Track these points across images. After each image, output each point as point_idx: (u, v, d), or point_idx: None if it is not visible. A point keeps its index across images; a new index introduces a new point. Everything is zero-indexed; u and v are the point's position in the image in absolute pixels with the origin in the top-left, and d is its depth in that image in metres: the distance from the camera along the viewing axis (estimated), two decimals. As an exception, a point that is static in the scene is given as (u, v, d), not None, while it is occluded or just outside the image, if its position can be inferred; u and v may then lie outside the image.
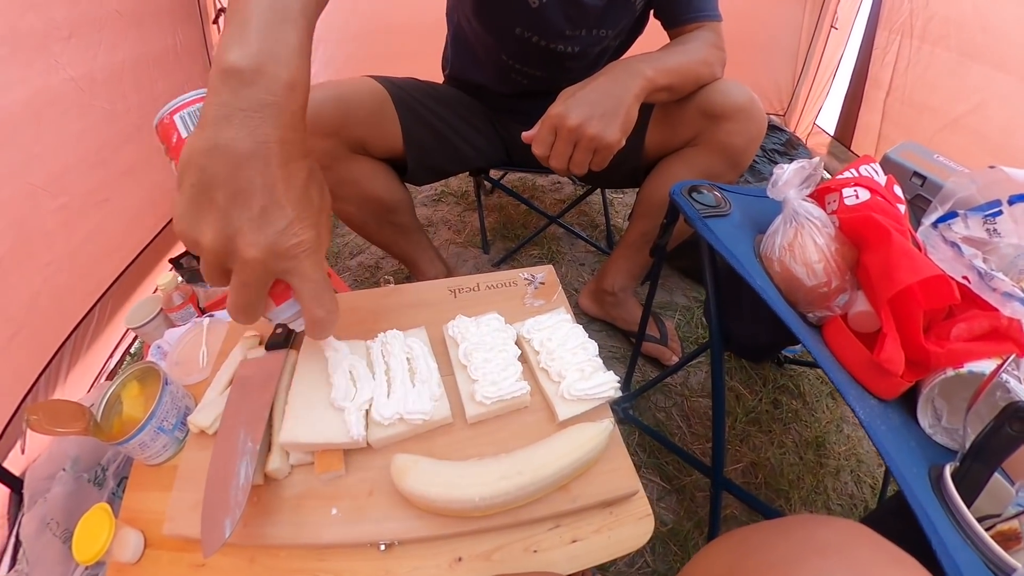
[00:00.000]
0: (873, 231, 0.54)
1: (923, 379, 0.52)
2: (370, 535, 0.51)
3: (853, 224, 0.58)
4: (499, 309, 0.68)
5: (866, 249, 0.56)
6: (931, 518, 0.41)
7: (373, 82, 0.92)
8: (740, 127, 0.84)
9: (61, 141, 1.08)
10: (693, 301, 1.36)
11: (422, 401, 0.56)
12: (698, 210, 0.68)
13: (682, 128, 0.89)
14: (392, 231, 1.06)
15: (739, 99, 0.83)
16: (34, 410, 0.55)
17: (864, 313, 0.55)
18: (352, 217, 1.01)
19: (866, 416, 0.48)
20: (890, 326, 0.50)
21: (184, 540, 0.52)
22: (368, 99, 0.89)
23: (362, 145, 0.90)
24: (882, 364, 0.49)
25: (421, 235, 1.14)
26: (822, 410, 1.10)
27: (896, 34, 1.58)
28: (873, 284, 0.53)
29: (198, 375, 0.70)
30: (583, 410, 0.58)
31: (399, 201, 1.01)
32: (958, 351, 0.50)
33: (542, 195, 1.84)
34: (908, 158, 0.83)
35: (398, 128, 0.93)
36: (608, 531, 0.53)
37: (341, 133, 0.86)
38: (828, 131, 1.94)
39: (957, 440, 0.51)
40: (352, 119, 0.86)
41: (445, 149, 1.01)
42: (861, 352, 0.52)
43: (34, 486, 0.88)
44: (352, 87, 0.88)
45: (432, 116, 0.97)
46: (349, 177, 0.92)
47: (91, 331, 1.15)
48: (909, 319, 0.50)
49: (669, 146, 0.93)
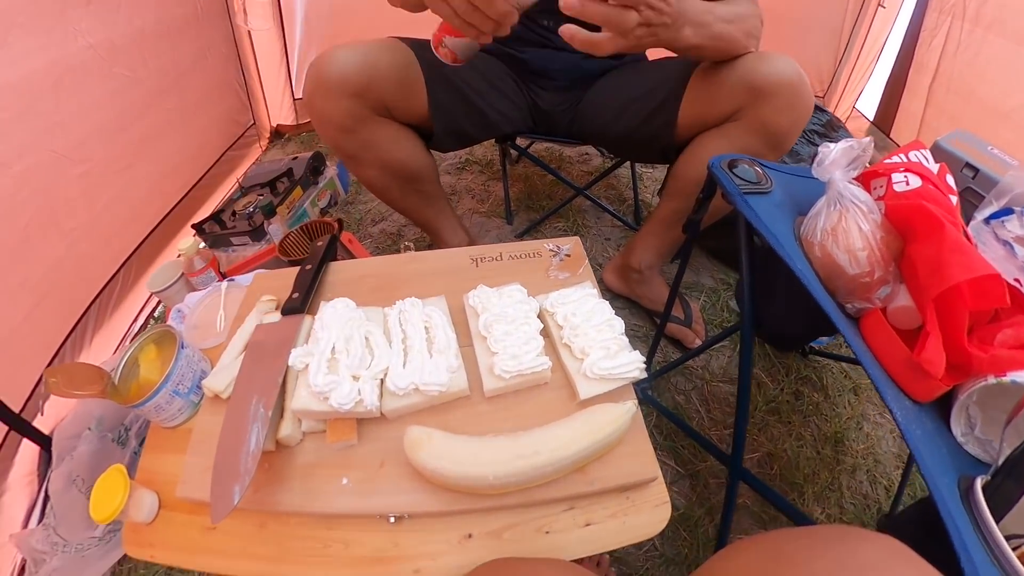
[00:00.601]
0: (924, 221, 0.50)
1: (960, 384, 0.48)
2: (380, 507, 0.50)
3: (902, 212, 0.53)
4: (522, 280, 0.65)
5: (914, 240, 0.52)
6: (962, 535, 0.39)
7: (400, 44, 0.89)
8: (786, 105, 0.77)
9: (82, 108, 1.08)
10: (720, 283, 1.31)
11: (439, 372, 0.53)
12: (738, 186, 0.63)
13: (722, 101, 0.83)
14: (415, 198, 1.04)
15: (788, 74, 0.76)
16: (53, 373, 0.55)
17: (904, 308, 0.51)
18: (374, 182, 0.99)
19: (903, 418, 0.45)
20: (933, 325, 0.46)
21: (197, 503, 0.52)
22: (395, 61, 0.85)
23: (386, 108, 0.87)
24: (922, 364, 0.45)
25: (444, 203, 1.12)
26: (843, 405, 1.06)
27: (947, 16, 1.46)
28: (920, 278, 0.49)
29: (215, 339, 0.69)
30: (606, 390, 0.56)
31: (423, 168, 0.99)
32: (1002, 358, 0.46)
33: (569, 166, 1.79)
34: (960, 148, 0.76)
35: (424, 92, 0.89)
36: (623, 516, 0.52)
37: (366, 95, 0.83)
38: (868, 116, 1.83)
39: (989, 452, 0.47)
40: (377, 81, 0.83)
41: (471, 114, 0.97)
42: (900, 350, 0.48)
43: (61, 444, 0.91)
44: (379, 48, 0.85)
45: (459, 79, 0.93)
46: (372, 140, 0.89)
47: (115, 296, 1.16)
48: (953, 319, 0.47)
49: (705, 121, 0.87)
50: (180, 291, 1.01)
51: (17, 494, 0.89)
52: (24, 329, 0.94)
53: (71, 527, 0.83)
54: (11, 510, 0.87)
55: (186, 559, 0.52)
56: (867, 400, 1.06)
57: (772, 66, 0.77)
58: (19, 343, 0.93)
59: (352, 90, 0.81)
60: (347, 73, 0.80)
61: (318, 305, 0.62)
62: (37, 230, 0.97)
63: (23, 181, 0.94)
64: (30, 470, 0.92)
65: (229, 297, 0.76)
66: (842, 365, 1.12)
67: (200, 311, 0.76)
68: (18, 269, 0.94)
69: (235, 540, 0.51)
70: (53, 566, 0.81)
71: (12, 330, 0.92)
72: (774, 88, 0.76)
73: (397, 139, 0.92)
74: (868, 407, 1.05)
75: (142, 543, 0.53)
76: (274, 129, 1.91)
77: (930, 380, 0.46)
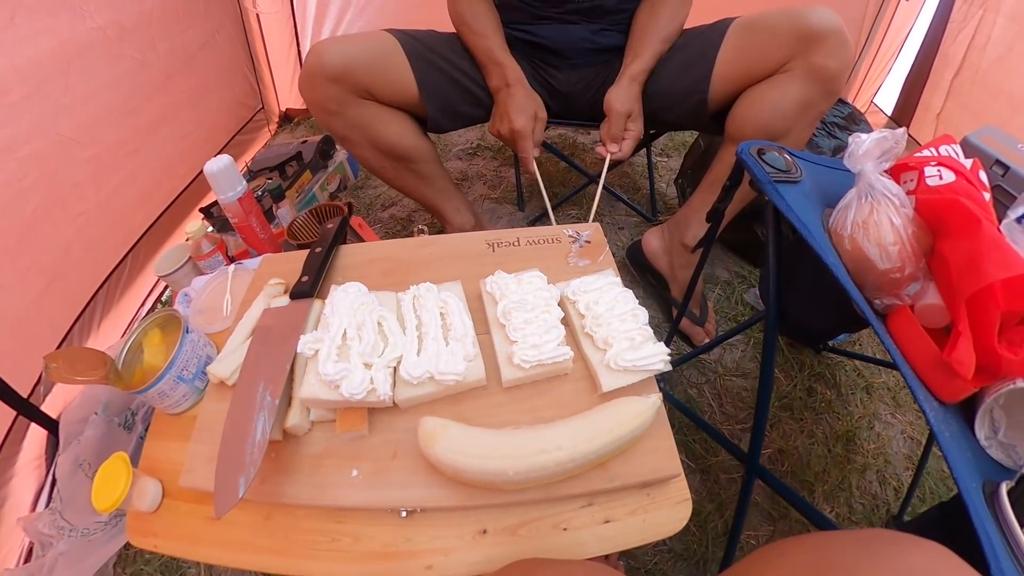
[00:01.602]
0: (959, 217, 0.48)
1: (987, 386, 0.47)
2: (391, 500, 0.48)
3: (935, 207, 0.51)
4: (540, 267, 0.63)
5: (947, 236, 0.50)
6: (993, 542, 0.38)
7: (382, 32, 0.94)
8: (837, 49, 0.79)
9: (90, 92, 1.06)
10: (735, 276, 1.28)
11: (455, 361, 0.51)
12: (769, 173, 0.61)
13: (773, 53, 0.83)
14: (411, 177, 1.05)
15: (835, 21, 0.79)
16: (54, 358, 0.54)
17: (933, 306, 0.49)
18: (368, 161, 1.02)
19: (935, 419, 0.44)
20: (964, 324, 0.45)
21: (201, 492, 0.50)
22: (373, 46, 0.91)
23: (368, 91, 0.91)
24: (952, 364, 0.44)
25: (446, 183, 1.11)
26: (855, 404, 1.04)
27: (978, 8, 1.39)
28: (952, 276, 0.47)
29: (221, 323, 0.67)
30: (629, 382, 0.53)
31: (414, 148, 1.00)
32: (1033, 361, 0.45)
33: (583, 153, 1.75)
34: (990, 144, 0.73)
35: (410, 75, 0.93)
36: (643, 513, 0.49)
37: (344, 80, 0.88)
38: (885, 111, 1.78)
39: (1012, 457, 0.46)
40: (355, 65, 0.88)
41: (463, 94, 0.99)
42: (930, 349, 0.47)
43: (68, 428, 0.90)
44: (359, 38, 0.92)
45: (447, 63, 0.97)
46: (358, 122, 0.94)
47: (123, 280, 1.15)
48: (984, 319, 0.45)
49: (751, 74, 0.87)
50: (188, 275, 0.99)
51: (25, 478, 0.89)
52: (32, 313, 0.93)
53: (77, 511, 0.83)
54: (19, 494, 0.87)
55: (190, 550, 0.51)
56: (879, 400, 1.04)
57: (819, 15, 0.79)
58: (27, 327, 0.93)
59: (330, 76, 0.87)
60: (325, 61, 0.87)
61: (328, 289, 0.60)
62: (45, 214, 0.96)
63: (31, 165, 0.93)
64: (38, 454, 0.92)
65: (236, 281, 0.74)
66: (855, 363, 1.10)
67: (206, 295, 0.74)
68: (26, 253, 0.93)
69: (240, 531, 0.50)
70: (59, 550, 0.80)
71: (21, 314, 0.91)
72: (826, 34, 0.78)
73: (380, 119, 0.95)
74: (880, 406, 1.03)
75: (145, 532, 0.51)
76: (283, 113, 1.89)
77: (959, 381, 0.45)
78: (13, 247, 0.90)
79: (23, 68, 0.91)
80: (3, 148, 0.88)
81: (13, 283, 0.90)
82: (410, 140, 0.99)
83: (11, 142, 0.89)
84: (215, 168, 0.90)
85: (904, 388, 1.05)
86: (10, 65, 0.89)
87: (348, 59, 0.88)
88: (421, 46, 0.95)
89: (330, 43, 0.89)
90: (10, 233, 0.89)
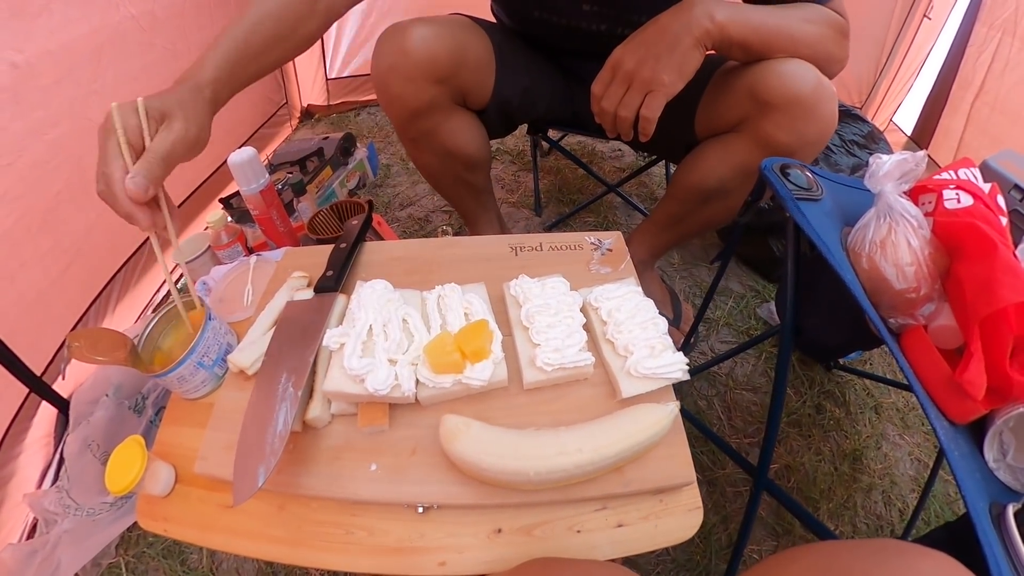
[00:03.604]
0: (976, 241, 0.49)
1: (997, 409, 0.48)
2: (409, 496, 0.48)
3: (952, 230, 0.52)
4: (562, 272, 0.63)
5: (962, 259, 0.51)
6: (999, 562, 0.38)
7: (476, 26, 0.84)
8: (792, 123, 0.68)
9: (121, 79, 1.07)
10: (748, 290, 1.28)
11: (484, 365, 0.51)
12: (791, 191, 0.62)
13: (726, 109, 0.76)
14: (464, 188, 1.00)
15: (799, 87, 0.66)
16: (76, 337, 0.54)
17: (946, 327, 0.50)
18: (431, 168, 0.95)
19: (946, 439, 0.45)
20: (977, 346, 0.45)
21: (215, 480, 0.50)
22: (479, 46, 0.81)
23: (464, 96, 0.83)
24: (964, 385, 0.45)
25: (489, 196, 1.09)
26: (863, 423, 1.04)
27: (997, 31, 1.38)
28: (967, 298, 0.48)
29: (241, 313, 0.67)
30: (648, 389, 0.53)
31: (482, 158, 0.95)
32: (1045, 385, 0.45)
33: (601, 162, 1.75)
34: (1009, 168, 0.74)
35: (491, 79, 0.85)
36: (656, 519, 0.50)
37: (451, 81, 0.78)
38: (905, 130, 1.77)
39: (1021, 480, 0.46)
40: (465, 67, 0.78)
41: (524, 101, 0.92)
42: (942, 369, 0.47)
43: (79, 409, 0.91)
44: (462, 30, 0.80)
45: (518, 63, 0.88)
46: (442, 128, 0.84)
47: (141, 265, 1.16)
48: (997, 341, 0.46)
49: (715, 127, 0.80)
50: (206, 263, 1.00)
51: (33, 455, 0.89)
52: (50, 294, 0.94)
53: (84, 491, 0.83)
54: (26, 470, 0.88)
55: (200, 536, 0.51)
56: (887, 420, 1.04)
57: (782, 77, 0.67)
58: (44, 307, 0.93)
59: (439, 76, 0.76)
60: (436, 56, 0.74)
61: (352, 285, 0.60)
62: (68, 197, 0.96)
63: (57, 148, 0.93)
64: (47, 432, 0.92)
65: (257, 272, 0.74)
66: (865, 382, 1.10)
67: (227, 284, 0.74)
68: (48, 234, 0.93)
69: (252, 520, 0.50)
70: (64, 528, 0.80)
71: (39, 294, 0.92)
72: (780, 102, 0.67)
73: (467, 129, 0.88)
74: (888, 427, 1.03)
75: (156, 516, 0.51)
76: (304, 109, 1.90)
77: (969, 402, 0.45)
78: (36, 228, 0.91)
79: (56, 53, 0.92)
80: (32, 130, 0.89)
81: (34, 263, 0.90)
82: (481, 149, 0.92)
83: (40, 124, 0.90)
84: (239, 160, 0.91)
85: (913, 409, 1.05)
86: (43, 50, 0.90)
87: (461, 57, 0.77)
88: (503, 41, 0.85)
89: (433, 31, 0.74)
90: (34, 214, 0.90)
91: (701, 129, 0.84)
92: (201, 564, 0.81)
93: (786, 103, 0.67)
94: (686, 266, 1.32)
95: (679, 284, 1.27)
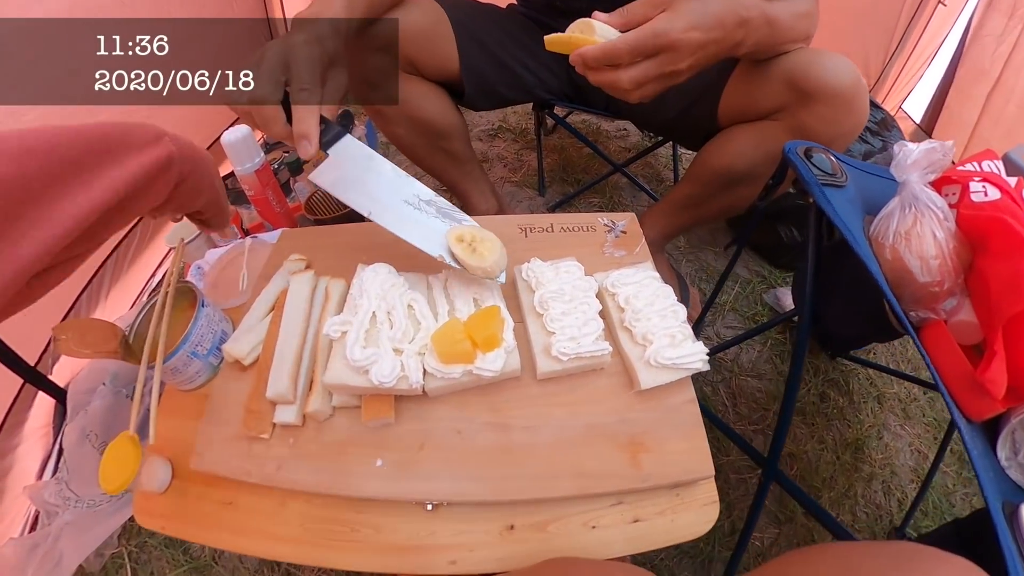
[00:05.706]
0: (1003, 236, 0.48)
1: (1014, 408, 0.47)
2: (417, 492, 0.46)
3: (978, 223, 0.50)
4: (575, 255, 0.60)
5: (987, 254, 0.49)
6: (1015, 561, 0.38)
7: (432, 3, 0.88)
8: (833, 116, 0.67)
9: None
10: (755, 275, 1.26)
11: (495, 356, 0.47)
12: (816, 176, 0.59)
13: (763, 97, 0.73)
14: (443, 157, 1.02)
15: (842, 81, 0.65)
16: (63, 329, 0.51)
17: (966, 323, 0.49)
18: (401, 139, 0.98)
19: (969, 438, 0.45)
20: (1000, 344, 0.45)
21: (212, 476, 0.48)
22: (421, 17, 0.85)
23: (413, 64, 0.87)
24: (984, 383, 0.44)
25: (474, 166, 1.08)
26: (866, 413, 1.03)
27: (1017, 22, 1.31)
28: (991, 296, 0.47)
29: (237, 299, 0.64)
30: (667, 380, 0.50)
31: (451, 126, 0.97)
32: (1063, 385, 0.44)
33: (606, 141, 1.71)
34: None
35: (454, 49, 0.88)
36: (672, 514, 0.49)
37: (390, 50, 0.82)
38: (914, 118, 1.71)
39: None
40: (404, 38, 0.82)
41: (504, 75, 0.95)
42: (962, 365, 0.47)
43: (76, 398, 0.89)
44: (407, 7, 0.85)
45: (491, 39, 0.92)
46: (400, 97, 0.89)
47: (132, 249, 1.12)
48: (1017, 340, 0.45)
49: (745, 115, 0.79)
50: (200, 247, 0.96)
51: (32, 446, 0.87)
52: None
53: (83, 482, 0.81)
54: (25, 462, 0.86)
55: (200, 534, 0.49)
56: (889, 410, 1.04)
57: (825, 69, 0.65)
58: (35, 295, 0.90)
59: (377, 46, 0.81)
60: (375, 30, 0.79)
61: (352, 267, 0.57)
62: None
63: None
64: (45, 422, 0.90)
65: (253, 255, 0.71)
66: (868, 372, 1.09)
67: (221, 269, 0.71)
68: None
69: (253, 518, 0.48)
70: (65, 519, 0.79)
71: (28, 280, 0.88)
72: (824, 94, 0.66)
73: (424, 96, 0.91)
74: (890, 417, 1.03)
75: (153, 513, 0.50)
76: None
77: (988, 400, 0.45)
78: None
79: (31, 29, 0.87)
80: (11, 112, 0.84)
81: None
82: (447, 117, 0.95)
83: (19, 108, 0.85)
84: (233, 138, 0.87)
85: (915, 400, 1.05)
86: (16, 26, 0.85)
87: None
88: (466, 17, 0.90)
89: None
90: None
91: (725, 116, 0.83)
92: (203, 553, 0.80)
93: (829, 96, 0.66)
94: (693, 250, 1.29)
95: (685, 267, 1.25)
